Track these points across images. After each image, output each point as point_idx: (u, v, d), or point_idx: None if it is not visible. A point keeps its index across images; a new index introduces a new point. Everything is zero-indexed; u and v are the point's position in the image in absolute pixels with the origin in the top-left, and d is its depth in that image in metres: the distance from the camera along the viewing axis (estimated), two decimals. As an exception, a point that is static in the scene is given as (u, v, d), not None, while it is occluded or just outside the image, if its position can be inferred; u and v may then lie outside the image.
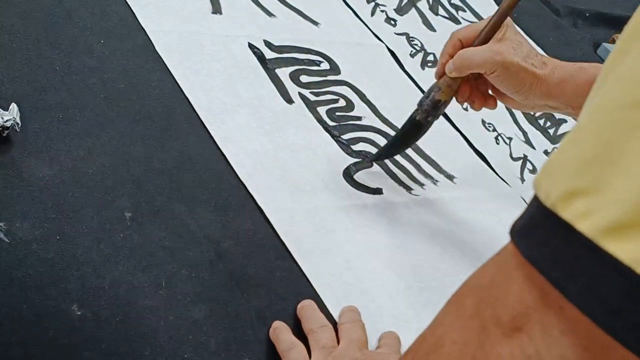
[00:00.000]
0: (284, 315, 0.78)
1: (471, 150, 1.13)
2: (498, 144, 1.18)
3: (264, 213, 0.86)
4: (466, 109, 1.21)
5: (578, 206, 0.37)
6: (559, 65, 0.90)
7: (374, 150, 1.03)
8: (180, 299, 0.74)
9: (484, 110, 1.23)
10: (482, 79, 0.92)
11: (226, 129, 0.93)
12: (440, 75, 0.92)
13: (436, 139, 1.11)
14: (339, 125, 1.04)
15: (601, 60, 1.62)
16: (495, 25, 0.88)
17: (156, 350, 0.68)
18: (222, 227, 0.83)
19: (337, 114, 1.05)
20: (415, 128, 0.94)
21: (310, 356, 0.73)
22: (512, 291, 0.41)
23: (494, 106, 0.95)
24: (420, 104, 0.93)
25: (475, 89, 0.94)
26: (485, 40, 0.88)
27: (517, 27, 0.92)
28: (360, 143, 1.03)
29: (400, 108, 1.13)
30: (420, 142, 1.08)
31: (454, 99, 0.93)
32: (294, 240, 0.85)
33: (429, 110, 0.92)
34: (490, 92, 0.95)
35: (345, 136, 1.02)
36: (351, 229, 0.90)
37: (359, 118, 1.07)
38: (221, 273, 0.78)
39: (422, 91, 1.20)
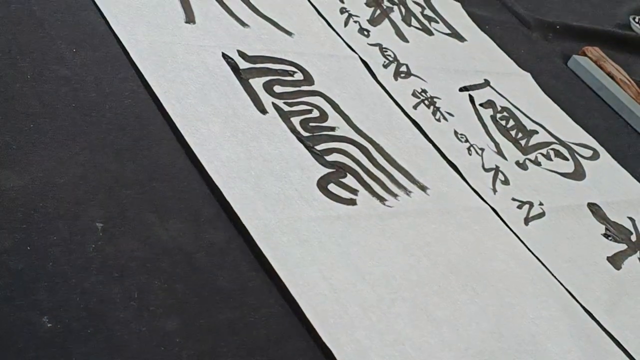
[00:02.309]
0: (256, 327, 0.77)
1: (444, 161, 1.14)
2: (470, 154, 1.18)
3: (236, 223, 0.86)
4: (439, 120, 1.22)
5: None
6: None
7: (348, 161, 1.03)
8: (152, 310, 0.73)
9: (457, 121, 1.24)
10: None
11: (201, 137, 0.93)
12: None
13: (409, 150, 1.12)
14: (313, 136, 1.03)
15: (572, 74, 1.64)
16: None
17: (127, 362, 0.68)
18: (195, 238, 0.82)
19: (311, 124, 1.05)
20: None
21: None
22: None
23: None
24: None
25: None
26: None
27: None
28: (334, 154, 1.03)
29: (373, 119, 1.14)
30: (393, 153, 1.09)
31: None
32: (270, 248, 0.84)
33: None
34: None
35: (319, 147, 1.02)
36: (325, 240, 0.90)
37: (333, 129, 1.07)
38: (193, 284, 0.78)
39: (395, 102, 1.21)
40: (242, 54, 1.10)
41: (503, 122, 1.31)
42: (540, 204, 1.16)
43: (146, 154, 0.89)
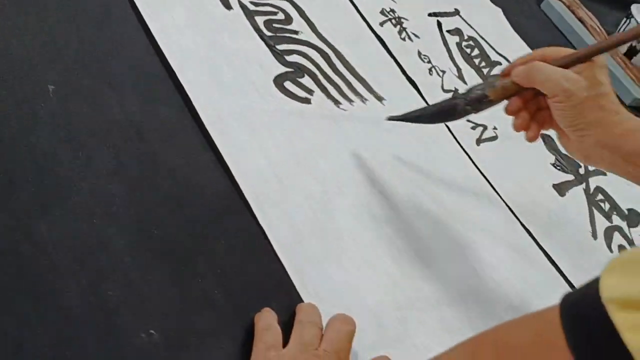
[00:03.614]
0: (198, 201, 0.80)
1: (404, 77, 1.16)
2: (431, 75, 1.20)
3: (189, 105, 0.87)
4: (404, 39, 1.23)
5: (632, 316, 0.39)
6: (632, 118, 0.84)
7: (307, 63, 1.04)
8: (97, 171, 0.75)
9: (422, 42, 1.26)
10: (544, 111, 0.89)
11: (161, 23, 0.94)
12: (505, 74, 0.89)
13: (370, 62, 1.14)
14: (275, 36, 1.05)
15: (544, 16, 1.66)
16: (581, 58, 0.83)
17: (67, 214, 0.70)
18: (146, 113, 0.84)
19: (275, 25, 1.07)
20: (449, 110, 0.93)
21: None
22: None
23: (536, 138, 0.91)
24: (467, 90, 0.91)
25: (533, 117, 0.90)
26: (565, 65, 0.83)
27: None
28: (295, 55, 1.04)
29: (337, 29, 1.15)
30: (353, 62, 1.11)
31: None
32: (219, 132, 0.86)
33: (472, 101, 0.90)
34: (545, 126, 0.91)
35: (280, 47, 1.04)
36: (275, 131, 0.92)
37: (296, 32, 1.08)
38: (140, 153, 0.79)
39: (365, 20, 1.22)
40: (212, -48, 1.11)
41: (468, 50, 1.33)
42: (495, 128, 1.18)
43: (107, 34, 0.90)
